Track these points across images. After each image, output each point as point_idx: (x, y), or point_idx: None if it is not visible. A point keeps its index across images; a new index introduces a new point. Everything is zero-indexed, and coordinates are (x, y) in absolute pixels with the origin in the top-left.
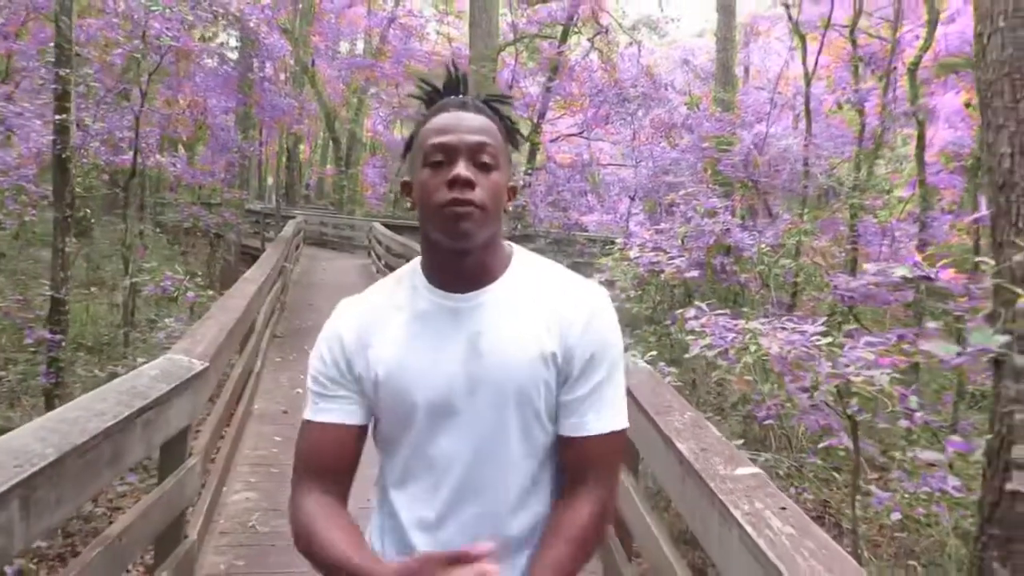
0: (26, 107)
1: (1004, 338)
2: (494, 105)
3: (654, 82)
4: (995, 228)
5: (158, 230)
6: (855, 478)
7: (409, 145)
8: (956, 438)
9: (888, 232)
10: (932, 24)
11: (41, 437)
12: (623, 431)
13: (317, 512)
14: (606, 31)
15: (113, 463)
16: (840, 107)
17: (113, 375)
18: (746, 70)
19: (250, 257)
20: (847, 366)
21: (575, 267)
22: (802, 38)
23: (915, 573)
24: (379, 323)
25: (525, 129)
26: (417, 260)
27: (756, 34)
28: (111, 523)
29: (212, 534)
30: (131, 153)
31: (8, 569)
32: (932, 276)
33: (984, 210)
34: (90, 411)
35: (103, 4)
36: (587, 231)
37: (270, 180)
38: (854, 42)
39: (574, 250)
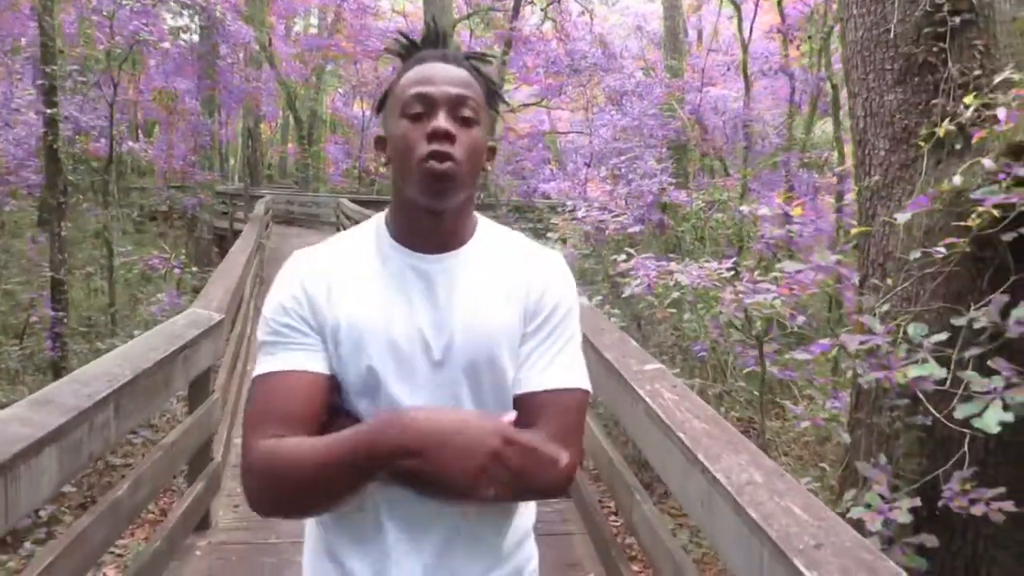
0: (20, 101)
1: (835, 257)
2: (474, 63)
3: (607, 51)
4: (856, 176)
5: (135, 214)
6: (762, 390)
7: (384, 100)
8: (824, 341)
9: (812, 185)
10: None
11: (118, 364)
12: (581, 392)
13: (278, 442)
14: (559, 0)
15: (165, 387)
16: (763, 74)
17: (112, 347)
18: (699, 34)
19: (219, 238)
20: (742, 293)
21: (535, 232)
22: (737, 7)
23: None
24: (344, 275)
25: None
26: (381, 216)
27: None
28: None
29: (227, 464)
30: (103, 141)
31: (42, 512)
32: (791, 216)
33: None
34: (146, 347)
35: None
36: (550, 198)
37: (231, 161)
38: (781, 13)
39: (534, 216)
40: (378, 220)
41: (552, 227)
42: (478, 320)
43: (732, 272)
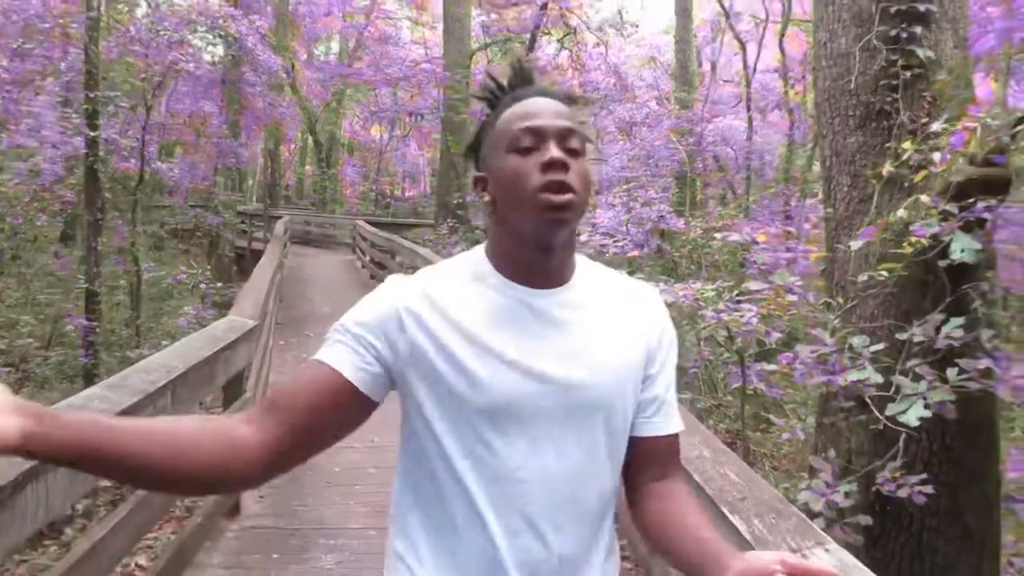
0: (66, 125)
1: (792, 278)
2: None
3: (621, 81)
4: (825, 205)
5: (161, 231)
6: (743, 399)
7: (478, 141)
8: (787, 353)
9: (800, 213)
10: None
11: (173, 359)
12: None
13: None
14: (575, 32)
15: (210, 381)
16: (762, 111)
17: (140, 356)
18: (713, 66)
19: (238, 257)
20: (722, 311)
21: None
22: (742, 45)
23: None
24: (449, 305)
25: None
26: (479, 250)
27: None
28: None
29: None
30: (133, 160)
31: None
32: (756, 241)
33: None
34: (193, 347)
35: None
36: None
37: (250, 181)
38: (782, 50)
39: None
40: (477, 255)
41: None
42: (603, 358)
43: (715, 292)
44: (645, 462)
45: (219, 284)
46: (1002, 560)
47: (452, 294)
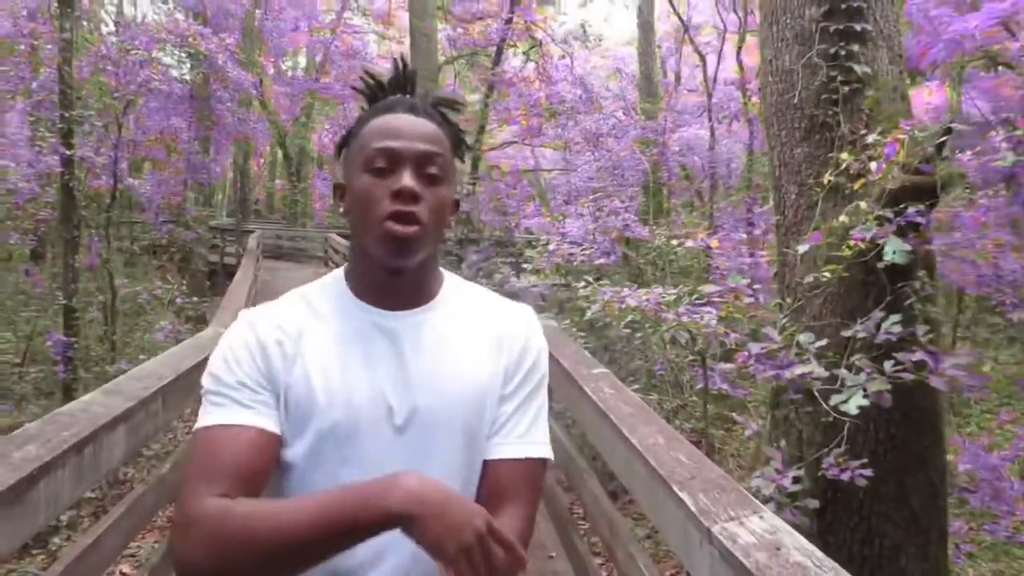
0: (41, 144)
1: (744, 281)
2: (443, 111)
3: (587, 92)
4: (776, 212)
5: (135, 247)
6: (704, 400)
7: (345, 143)
8: (743, 352)
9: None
10: None
11: (162, 367)
12: (544, 462)
13: (230, 502)
14: (540, 44)
15: (196, 388)
16: (720, 121)
17: (119, 371)
18: (677, 76)
19: (210, 271)
20: (683, 314)
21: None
22: (702, 57)
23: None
24: (300, 334)
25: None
26: (341, 271)
27: (683, 42)
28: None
29: None
30: (104, 177)
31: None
32: (710, 246)
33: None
34: (181, 356)
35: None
36: (532, 233)
37: (219, 196)
38: (740, 63)
39: (515, 250)
40: (337, 276)
41: (529, 259)
42: (451, 381)
43: (675, 297)
44: (490, 487)
45: (195, 299)
46: (950, 546)
47: (298, 325)
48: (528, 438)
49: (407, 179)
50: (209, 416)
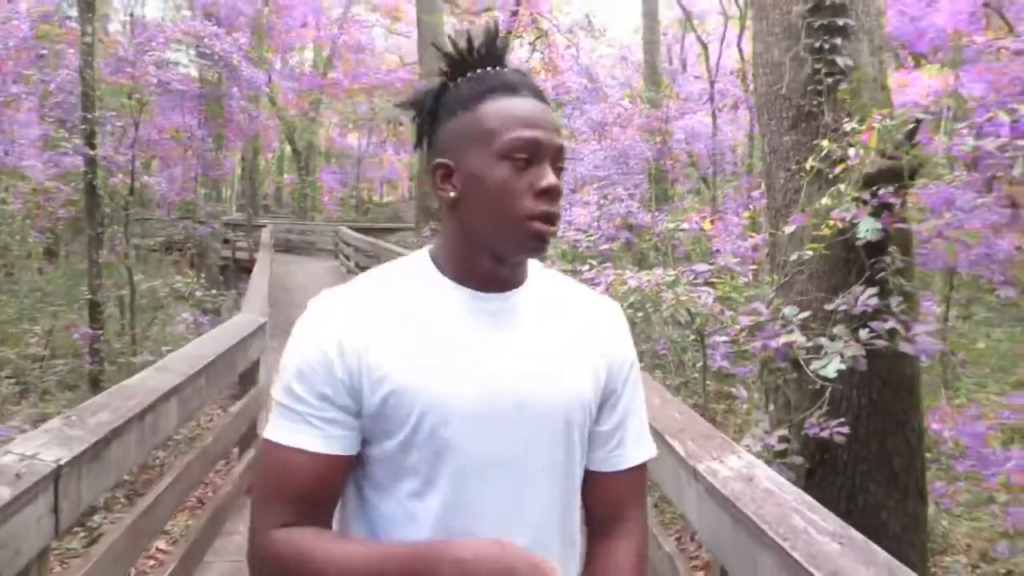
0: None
1: (734, 260)
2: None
3: (593, 82)
4: (767, 196)
5: (152, 244)
6: (703, 374)
7: (432, 112)
8: (733, 326)
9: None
10: None
11: (203, 349)
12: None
13: (304, 533)
14: (546, 35)
15: (232, 368)
16: (721, 109)
17: (145, 363)
18: (683, 64)
19: (223, 266)
20: (681, 293)
21: None
22: (704, 46)
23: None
24: (391, 323)
25: None
26: (421, 253)
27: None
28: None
29: None
30: (121, 176)
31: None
32: (701, 228)
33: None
34: (218, 339)
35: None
36: None
37: (228, 191)
38: (740, 52)
39: None
40: (421, 257)
41: None
42: (563, 363)
43: (673, 278)
44: (610, 498)
45: (213, 292)
46: (930, 504)
47: (388, 313)
48: (641, 441)
49: (553, 177)
50: (279, 430)
